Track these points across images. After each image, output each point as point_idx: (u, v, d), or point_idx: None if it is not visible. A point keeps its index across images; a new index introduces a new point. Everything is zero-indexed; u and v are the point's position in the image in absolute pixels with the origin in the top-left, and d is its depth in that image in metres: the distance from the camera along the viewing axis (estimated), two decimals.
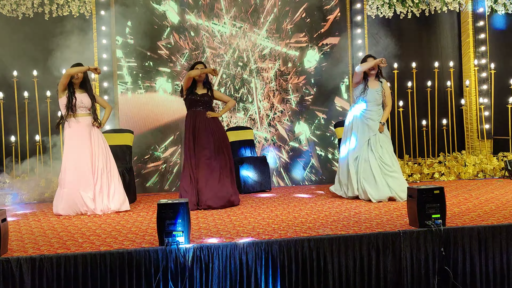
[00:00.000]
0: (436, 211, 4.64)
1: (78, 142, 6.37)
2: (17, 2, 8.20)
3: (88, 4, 8.39)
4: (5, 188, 7.81)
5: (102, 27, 8.35)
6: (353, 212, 5.74)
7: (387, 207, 6.03)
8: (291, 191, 7.79)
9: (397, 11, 9.19)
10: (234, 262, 4.33)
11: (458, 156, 8.99)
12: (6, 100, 8.07)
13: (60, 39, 8.18)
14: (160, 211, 4.33)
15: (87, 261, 4.20)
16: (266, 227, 5.06)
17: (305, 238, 4.45)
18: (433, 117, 9.15)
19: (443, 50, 9.53)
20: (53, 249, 4.41)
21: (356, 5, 8.98)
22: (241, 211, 6.08)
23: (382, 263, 4.51)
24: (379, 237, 4.53)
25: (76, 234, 5.06)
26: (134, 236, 4.86)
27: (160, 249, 4.27)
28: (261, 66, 8.87)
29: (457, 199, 6.43)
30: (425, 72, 9.21)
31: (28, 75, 8.14)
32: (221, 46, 8.77)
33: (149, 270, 4.24)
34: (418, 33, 9.42)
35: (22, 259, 4.15)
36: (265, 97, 8.88)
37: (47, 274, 4.15)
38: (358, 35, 8.99)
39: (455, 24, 9.59)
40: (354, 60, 8.93)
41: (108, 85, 8.37)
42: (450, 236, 4.62)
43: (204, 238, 4.62)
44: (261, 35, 8.86)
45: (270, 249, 4.37)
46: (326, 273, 4.43)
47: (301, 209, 6.11)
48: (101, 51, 8.37)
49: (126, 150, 7.72)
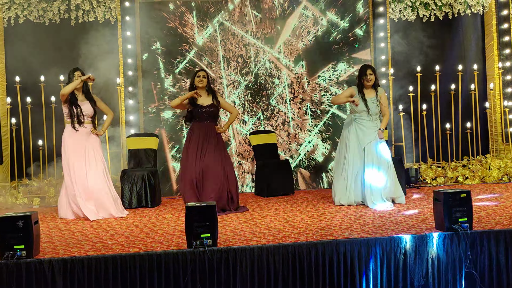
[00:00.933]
0: (463, 214, 4.64)
1: (75, 152, 6.46)
2: (44, 8, 8.36)
3: (113, 10, 8.52)
4: (33, 191, 7.96)
5: (127, 32, 8.48)
6: (378, 216, 5.75)
7: (412, 210, 6.02)
8: (314, 195, 7.80)
9: (420, 14, 9.16)
10: (261, 264, 4.37)
11: (483, 160, 8.92)
12: (33, 104, 8.22)
13: (85, 44, 8.33)
14: (189, 214, 4.39)
15: (117, 263, 4.28)
16: (292, 230, 5.09)
17: (331, 241, 4.47)
18: (457, 120, 9.10)
19: (466, 53, 9.47)
20: (83, 251, 4.50)
21: (378, 9, 8.98)
22: (265, 215, 6.12)
23: (408, 266, 4.52)
24: (405, 240, 4.53)
25: (105, 236, 5.15)
26: (162, 238, 4.93)
27: (188, 252, 4.33)
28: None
29: (482, 203, 6.40)
30: (448, 75, 9.15)
31: (55, 80, 8.29)
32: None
33: (178, 272, 4.31)
34: (441, 36, 9.37)
35: (54, 261, 4.24)
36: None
37: (78, 276, 4.24)
38: (380, 39, 8.98)
39: (479, 26, 9.53)
40: (376, 65, 8.93)
41: (133, 89, 8.48)
42: (476, 239, 4.60)
43: (231, 241, 4.67)
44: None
45: (297, 252, 4.40)
46: (353, 276, 4.45)
47: (325, 212, 6.13)
48: (126, 56, 8.49)
49: (151, 154, 7.81)
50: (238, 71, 8.85)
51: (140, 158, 7.79)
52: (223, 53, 8.82)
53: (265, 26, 8.89)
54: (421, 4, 9.15)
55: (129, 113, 8.48)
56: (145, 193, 7.21)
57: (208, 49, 8.80)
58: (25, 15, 8.37)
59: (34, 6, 8.34)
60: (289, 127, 8.95)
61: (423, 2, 9.13)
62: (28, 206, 7.64)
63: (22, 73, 8.32)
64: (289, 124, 8.95)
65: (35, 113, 8.29)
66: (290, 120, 8.96)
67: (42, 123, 8.27)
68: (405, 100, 8.99)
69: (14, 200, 7.66)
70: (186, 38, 8.75)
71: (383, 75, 8.97)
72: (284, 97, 8.93)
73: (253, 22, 8.87)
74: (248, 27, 8.85)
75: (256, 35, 8.87)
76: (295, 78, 8.95)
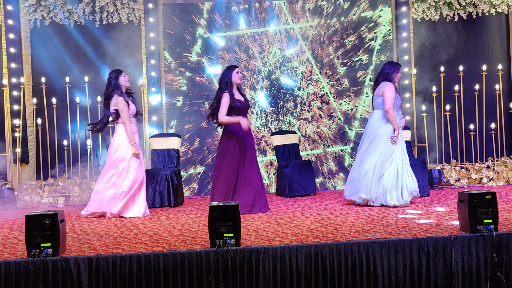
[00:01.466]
0: (488, 216, 4.58)
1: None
2: (69, 10, 8.48)
3: (137, 12, 8.61)
4: (58, 191, 8.08)
5: (150, 33, 8.56)
6: (401, 217, 5.71)
7: (436, 212, 5.97)
8: (336, 195, 7.79)
9: (443, 14, 9.09)
10: (284, 264, 4.38)
11: (507, 161, 8.81)
12: (59, 105, 8.35)
13: (110, 45, 8.44)
14: (212, 213, 4.41)
15: (142, 261, 4.32)
16: (314, 230, 5.09)
17: (354, 242, 4.46)
18: (481, 121, 9.00)
19: (491, 53, 9.37)
20: (108, 249, 4.55)
21: (401, 8, 8.92)
22: (287, 215, 6.13)
23: (432, 268, 4.48)
24: (429, 242, 4.50)
25: (129, 235, 5.21)
26: (185, 237, 4.97)
27: (212, 251, 4.36)
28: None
29: (507, 204, 6.32)
30: (472, 76, 9.07)
31: (79, 81, 8.41)
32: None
33: (201, 271, 4.33)
34: (465, 36, 9.27)
35: (80, 259, 4.30)
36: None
37: (103, 274, 4.29)
38: (403, 39, 8.93)
39: (504, 26, 9.42)
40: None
41: (156, 90, 8.56)
42: (502, 241, 4.54)
43: (253, 241, 4.68)
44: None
45: (320, 252, 4.40)
46: (376, 277, 4.43)
47: (347, 213, 6.11)
48: (149, 56, 8.57)
49: (174, 154, 7.87)
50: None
51: (163, 158, 7.87)
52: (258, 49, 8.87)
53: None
54: (444, 4, 9.07)
55: (151, 113, 8.55)
56: (168, 193, 7.27)
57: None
58: (50, 17, 8.50)
59: (59, 8, 8.47)
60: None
61: (447, 1, 9.06)
62: (54, 205, 7.76)
63: (47, 74, 8.47)
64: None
65: (60, 114, 8.42)
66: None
67: (67, 124, 8.39)
68: (429, 100, 8.93)
69: (39, 199, 7.79)
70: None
71: (406, 75, 8.91)
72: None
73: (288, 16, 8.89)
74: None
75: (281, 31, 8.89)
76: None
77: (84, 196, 7.91)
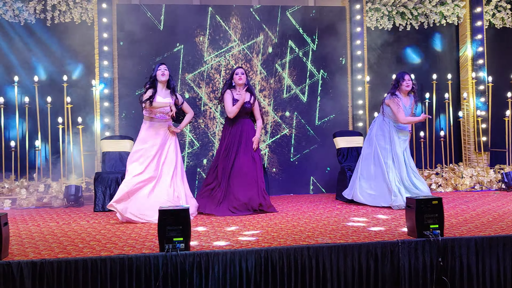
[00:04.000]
0: (434, 221, 4.68)
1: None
2: (19, 8, 8.25)
3: (90, 11, 8.45)
4: (4, 193, 7.83)
5: (103, 34, 8.39)
6: (351, 221, 5.78)
7: (386, 216, 6.07)
8: (289, 200, 7.82)
9: (396, 23, 9.28)
10: (233, 269, 4.36)
11: (456, 168, 9.05)
12: (6, 105, 8.11)
13: (61, 45, 8.28)
14: (162, 217, 4.36)
15: (88, 266, 4.21)
16: (265, 235, 5.09)
17: (304, 246, 4.48)
18: (431, 128, 9.23)
19: (441, 62, 9.63)
20: (53, 254, 4.42)
21: (356, 17, 9.06)
22: (239, 219, 6.11)
23: (380, 272, 4.54)
24: (377, 246, 4.56)
25: (76, 239, 5.08)
26: (134, 242, 4.88)
27: (161, 255, 4.29)
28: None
29: (454, 210, 6.48)
30: (423, 84, 9.28)
31: (28, 81, 8.21)
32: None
33: (149, 275, 4.27)
34: (416, 45, 9.50)
35: (23, 263, 4.16)
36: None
37: (47, 279, 4.17)
38: (357, 47, 9.06)
39: (454, 36, 9.70)
40: (353, 75, 9.00)
41: (109, 91, 8.41)
42: (448, 246, 4.65)
43: (204, 245, 4.64)
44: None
45: (270, 257, 4.40)
46: (325, 281, 4.46)
47: (299, 217, 6.14)
48: (102, 57, 8.40)
49: (125, 157, 7.73)
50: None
51: (115, 161, 7.73)
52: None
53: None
54: (397, 14, 9.27)
55: (104, 115, 8.38)
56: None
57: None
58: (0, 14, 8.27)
59: (9, 5, 8.23)
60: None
61: (400, 11, 9.26)
62: None
63: None
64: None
65: (8, 114, 8.17)
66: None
67: (14, 124, 8.15)
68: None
69: None
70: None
71: (359, 82, 9.04)
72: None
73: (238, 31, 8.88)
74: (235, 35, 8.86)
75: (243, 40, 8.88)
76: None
77: (31, 199, 7.68)
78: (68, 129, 8.19)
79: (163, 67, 6.35)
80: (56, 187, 7.89)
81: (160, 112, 6.33)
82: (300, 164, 8.92)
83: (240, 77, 6.69)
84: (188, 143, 8.61)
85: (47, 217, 6.61)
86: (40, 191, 7.87)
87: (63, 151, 8.15)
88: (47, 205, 7.71)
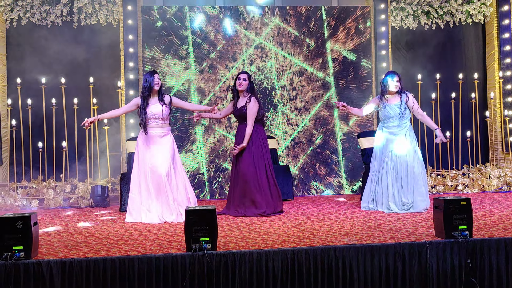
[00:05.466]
0: (463, 222, 4.63)
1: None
2: (46, 10, 8.38)
3: (115, 14, 8.53)
4: (32, 193, 7.95)
5: (129, 35, 8.47)
6: (377, 222, 5.74)
7: (412, 218, 6.01)
8: (313, 200, 7.80)
9: (421, 22, 9.19)
10: (260, 269, 4.36)
11: (482, 169, 8.93)
12: (34, 106, 8.22)
13: (87, 47, 8.38)
14: (188, 217, 4.38)
15: (116, 265, 4.26)
16: (291, 235, 5.08)
17: (331, 247, 4.46)
18: (457, 129, 9.11)
19: (467, 61, 9.50)
20: (82, 253, 4.48)
21: (380, 16, 8.99)
22: (265, 220, 6.11)
23: (408, 273, 4.51)
24: (405, 247, 4.53)
25: (104, 239, 5.14)
26: (161, 241, 4.92)
27: (187, 255, 4.32)
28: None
29: (482, 211, 6.39)
30: (449, 84, 9.17)
31: (56, 81, 8.31)
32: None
33: (176, 275, 4.29)
34: (442, 45, 9.39)
35: (53, 262, 4.23)
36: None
37: (76, 278, 4.23)
38: (382, 46, 9.00)
39: (480, 35, 9.56)
40: (378, 72, 8.94)
41: (134, 92, 8.48)
42: (476, 247, 4.59)
43: (230, 245, 4.65)
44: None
45: (296, 257, 4.39)
46: (352, 282, 4.44)
47: (325, 218, 6.12)
48: (127, 58, 8.48)
49: None
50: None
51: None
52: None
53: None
54: (422, 13, 9.18)
55: (129, 116, 8.46)
56: None
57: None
58: (27, 17, 8.39)
59: (36, 8, 8.35)
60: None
61: (425, 10, 9.17)
62: (27, 207, 7.63)
63: (23, 74, 8.34)
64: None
65: (36, 115, 8.29)
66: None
67: (42, 125, 8.27)
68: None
69: (12, 202, 7.65)
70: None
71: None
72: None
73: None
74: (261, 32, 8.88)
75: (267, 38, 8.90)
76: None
77: (58, 199, 7.79)
78: (94, 130, 8.29)
79: (157, 76, 6.35)
80: (82, 188, 7.99)
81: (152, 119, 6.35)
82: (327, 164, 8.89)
83: (240, 83, 6.44)
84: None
85: (74, 217, 6.70)
86: (67, 191, 7.98)
87: (89, 152, 8.24)
88: (74, 205, 7.81)
